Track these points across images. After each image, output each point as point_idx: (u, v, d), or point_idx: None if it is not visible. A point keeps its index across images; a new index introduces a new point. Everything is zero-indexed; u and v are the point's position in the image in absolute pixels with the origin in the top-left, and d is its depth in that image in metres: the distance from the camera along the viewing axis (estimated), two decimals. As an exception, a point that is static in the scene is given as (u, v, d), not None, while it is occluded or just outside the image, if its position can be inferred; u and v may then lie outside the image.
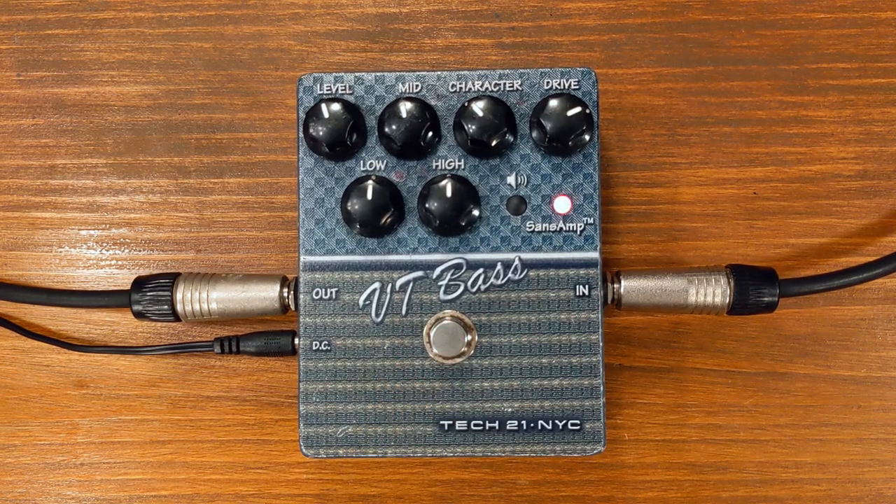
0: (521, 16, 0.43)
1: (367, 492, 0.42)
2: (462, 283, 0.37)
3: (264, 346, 0.41)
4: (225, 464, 0.42)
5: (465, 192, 0.36)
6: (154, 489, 0.42)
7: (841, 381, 0.42)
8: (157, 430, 0.42)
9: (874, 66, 0.42)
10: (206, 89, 0.43)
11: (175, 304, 0.39)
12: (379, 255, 0.37)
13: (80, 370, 0.43)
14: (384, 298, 0.37)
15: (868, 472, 0.42)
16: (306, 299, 0.37)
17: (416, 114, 0.36)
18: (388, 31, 0.43)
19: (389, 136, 0.36)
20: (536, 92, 0.36)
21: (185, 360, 0.43)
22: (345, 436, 0.37)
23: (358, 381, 0.37)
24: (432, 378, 0.37)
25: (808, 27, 0.43)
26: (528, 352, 0.36)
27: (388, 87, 0.36)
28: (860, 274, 0.40)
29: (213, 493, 0.42)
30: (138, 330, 0.43)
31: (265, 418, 0.42)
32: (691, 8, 0.43)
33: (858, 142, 0.42)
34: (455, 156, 0.36)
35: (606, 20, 0.43)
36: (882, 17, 0.42)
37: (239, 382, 0.42)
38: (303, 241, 0.37)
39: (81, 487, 0.42)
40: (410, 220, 0.37)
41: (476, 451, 0.37)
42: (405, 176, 0.37)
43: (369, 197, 0.35)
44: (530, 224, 0.36)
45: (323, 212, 0.37)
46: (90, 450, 0.42)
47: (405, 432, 0.37)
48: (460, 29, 0.43)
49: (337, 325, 0.37)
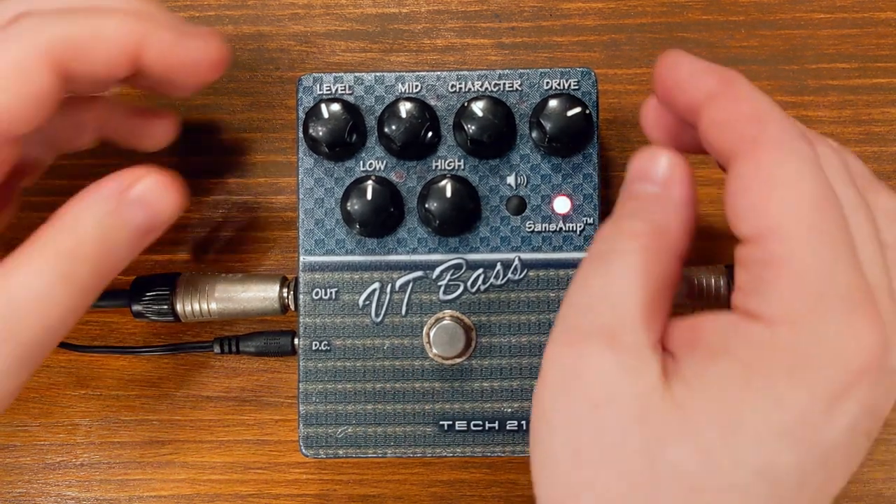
0: (520, 16, 0.43)
1: (367, 492, 0.42)
2: (462, 284, 0.37)
3: (264, 347, 0.41)
4: (225, 464, 0.42)
5: (464, 192, 0.36)
6: (154, 489, 0.42)
7: (841, 382, 0.42)
8: (156, 431, 0.42)
9: (874, 66, 0.42)
10: (206, 89, 0.43)
11: (175, 304, 0.39)
12: (379, 255, 0.37)
13: (80, 370, 0.43)
14: (384, 298, 0.37)
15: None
16: (306, 299, 0.37)
17: (415, 114, 0.36)
18: (387, 31, 0.43)
19: (389, 136, 0.36)
20: (536, 92, 0.36)
21: (185, 361, 0.43)
22: (344, 436, 0.37)
23: (358, 382, 0.37)
24: (432, 378, 0.37)
25: (808, 27, 0.43)
26: (528, 352, 0.37)
27: (387, 88, 0.36)
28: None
29: (213, 493, 0.42)
30: (138, 330, 0.43)
31: (265, 418, 0.42)
32: (691, 8, 0.43)
33: (858, 142, 0.42)
34: (455, 156, 0.36)
35: (606, 20, 0.43)
36: (882, 17, 0.42)
37: (239, 382, 0.43)
38: (302, 241, 0.37)
39: (81, 487, 0.42)
40: (410, 220, 0.37)
41: (476, 451, 0.37)
42: (405, 176, 0.37)
43: (369, 197, 0.36)
44: (530, 224, 0.36)
45: (322, 212, 0.37)
46: (90, 450, 0.42)
47: (405, 432, 0.37)
48: (460, 29, 0.43)
49: (337, 326, 0.37)
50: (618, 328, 0.27)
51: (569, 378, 0.27)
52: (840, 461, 0.26)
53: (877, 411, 0.27)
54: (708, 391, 0.26)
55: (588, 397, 0.27)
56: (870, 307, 0.26)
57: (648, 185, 0.29)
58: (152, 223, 0.33)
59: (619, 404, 0.26)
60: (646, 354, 0.27)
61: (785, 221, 0.26)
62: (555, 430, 0.27)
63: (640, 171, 0.30)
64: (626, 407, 0.26)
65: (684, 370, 0.27)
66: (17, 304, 0.30)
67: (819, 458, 0.26)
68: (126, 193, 0.32)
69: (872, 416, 0.26)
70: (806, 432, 0.26)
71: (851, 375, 0.25)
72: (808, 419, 0.25)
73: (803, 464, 0.26)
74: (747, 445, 0.25)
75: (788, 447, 0.25)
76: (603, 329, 0.27)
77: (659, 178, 0.29)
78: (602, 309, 0.27)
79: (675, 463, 0.26)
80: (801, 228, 0.26)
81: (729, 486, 0.26)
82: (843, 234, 0.26)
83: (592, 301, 0.28)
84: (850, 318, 0.25)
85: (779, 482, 0.26)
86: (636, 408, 0.26)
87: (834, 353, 0.25)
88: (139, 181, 0.32)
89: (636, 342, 0.27)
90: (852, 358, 0.25)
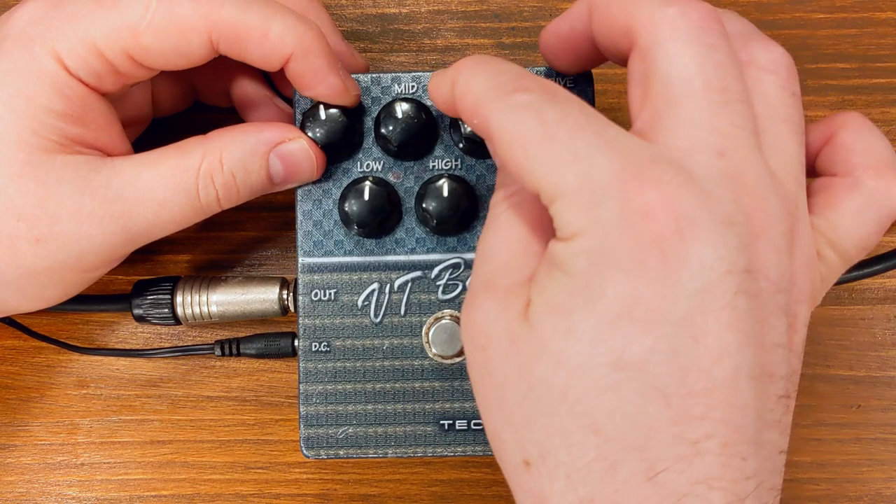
0: (520, 16, 0.43)
1: (367, 492, 0.42)
2: (460, 283, 0.37)
3: (264, 349, 0.41)
4: (225, 464, 0.42)
5: (462, 191, 0.36)
6: (154, 489, 0.42)
7: (840, 381, 0.42)
8: (157, 430, 0.43)
9: (874, 66, 0.42)
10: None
11: (175, 307, 0.39)
12: (377, 255, 0.37)
13: (81, 370, 0.43)
14: (383, 299, 0.37)
15: (867, 472, 0.42)
16: (305, 301, 0.37)
17: (412, 114, 0.36)
18: (387, 31, 0.43)
19: (386, 136, 0.36)
20: (534, 92, 0.36)
21: (186, 361, 0.43)
22: (345, 436, 0.37)
23: (358, 382, 0.37)
24: (432, 378, 0.37)
25: (808, 27, 0.42)
26: (526, 352, 0.36)
27: (384, 89, 0.36)
28: (859, 270, 0.40)
29: (214, 493, 0.42)
30: (139, 330, 0.43)
31: (265, 418, 0.43)
32: (690, 8, 0.43)
33: (858, 141, 0.42)
34: (451, 156, 0.36)
35: (606, 20, 0.43)
36: (881, 18, 0.42)
37: (239, 383, 0.43)
38: (301, 242, 0.37)
39: (82, 487, 0.42)
40: (408, 220, 0.37)
41: (476, 450, 0.37)
42: (402, 176, 0.37)
43: (367, 198, 0.36)
44: (528, 224, 0.36)
45: (321, 213, 0.37)
46: (91, 450, 0.42)
47: (405, 432, 0.37)
48: (460, 29, 0.43)
49: (336, 326, 0.37)
50: (494, 276, 0.29)
51: (466, 335, 0.29)
52: (721, 330, 0.25)
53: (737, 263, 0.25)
54: (545, 303, 0.27)
55: (478, 343, 0.29)
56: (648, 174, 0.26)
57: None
58: (285, 180, 0.36)
59: (495, 341, 0.28)
60: (516, 289, 0.28)
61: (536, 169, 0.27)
62: (475, 386, 0.29)
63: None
64: (500, 340, 0.28)
65: (532, 291, 0.28)
66: (137, 197, 0.34)
67: (682, 332, 0.25)
68: (279, 146, 0.35)
69: (732, 269, 0.25)
70: (643, 312, 0.25)
71: (663, 240, 0.25)
72: (640, 298, 0.25)
73: (664, 343, 0.25)
74: (588, 343, 0.26)
75: (634, 332, 0.25)
76: (484, 280, 0.29)
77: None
78: (482, 266, 0.30)
79: (543, 378, 0.27)
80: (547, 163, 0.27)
81: (596, 388, 0.26)
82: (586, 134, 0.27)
83: (478, 263, 0.30)
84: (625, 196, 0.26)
85: (646, 370, 0.25)
86: (506, 339, 0.28)
87: (627, 232, 0.25)
88: (293, 140, 0.36)
89: (509, 283, 0.29)
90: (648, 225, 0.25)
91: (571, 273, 0.26)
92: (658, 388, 0.25)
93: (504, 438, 0.28)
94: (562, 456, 0.26)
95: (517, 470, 0.28)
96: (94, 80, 0.33)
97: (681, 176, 0.26)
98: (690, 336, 0.25)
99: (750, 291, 0.26)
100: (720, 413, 0.25)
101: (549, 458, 0.27)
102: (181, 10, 0.32)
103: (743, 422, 0.26)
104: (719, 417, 0.25)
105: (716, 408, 0.25)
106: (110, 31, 0.32)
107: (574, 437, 0.26)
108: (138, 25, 0.32)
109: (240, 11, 0.33)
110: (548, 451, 0.27)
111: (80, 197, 0.33)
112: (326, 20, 0.38)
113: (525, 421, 0.27)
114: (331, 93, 0.35)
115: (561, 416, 0.26)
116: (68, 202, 0.33)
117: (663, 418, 0.25)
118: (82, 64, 0.33)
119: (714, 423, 0.25)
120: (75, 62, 0.33)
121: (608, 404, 0.26)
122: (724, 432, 0.25)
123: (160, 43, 0.33)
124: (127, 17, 0.32)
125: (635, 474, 0.25)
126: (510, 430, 0.28)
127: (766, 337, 0.26)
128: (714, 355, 0.25)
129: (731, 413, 0.26)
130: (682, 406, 0.25)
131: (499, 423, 0.28)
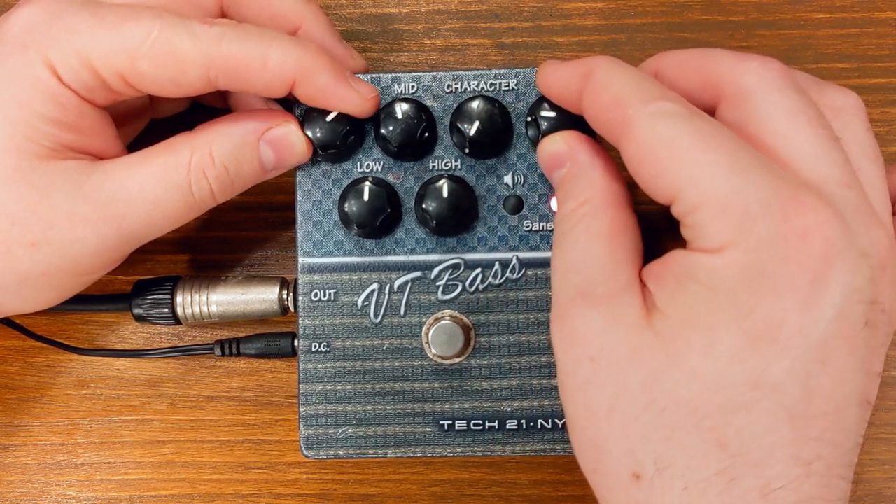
0: (520, 16, 0.43)
1: (367, 492, 0.42)
2: (460, 283, 0.37)
3: (264, 349, 0.41)
4: (225, 464, 0.42)
5: (462, 192, 0.36)
6: (154, 489, 0.42)
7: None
8: (157, 430, 0.43)
9: (874, 66, 0.42)
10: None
11: (175, 307, 0.39)
12: (377, 256, 0.37)
13: (81, 370, 0.43)
14: (382, 299, 0.37)
15: (868, 472, 0.42)
16: (305, 301, 0.37)
17: (412, 115, 0.36)
18: (387, 31, 0.43)
19: (386, 137, 0.36)
20: (532, 91, 0.36)
21: (186, 361, 0.43)
22: (345, 437, 0.37)
23: (357, 382, 0.37)
24: (431, 378, 0.37)
25: (808, 27, 0.42)
26: (526, 351, 0.37)
27: (384, 89, 0.36)
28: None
29: (214, 492, 0.42)
30: (139, 330, 0.43)
31: (265, 418, 0.43)
32: (691, 8, 0.43)
33: (858, 141, 0.42)
34: (452, 156, 0.36)
35: (606, 20, 0.43)
36: (881, 17, 0.42)
37: (239, 383, 0.43)
38: (301, 242, 0.37)
39: (82, 487, 0.42)
40: (408, 220, 0.37)
41: (476, 450, 0.37)
42: (402, 177, 0.37)
43: (366, 198, 0.36)
44: (528, 223, 0.36)
45: (320, 214, 0.37)
46: (90, 450, 0.42)
47: (405, 432, 0.37)
48: (460, 29, 0.43)
49: (336, 327, 0.37)
50: (587, 286, 0.29)
51: (567, 346, 0.29)
52: (845, 356, 0.26)
53: (866, 294, 0.26)
54: (680, 316, 0.27)
55: (585, 353, 0.29)
56: (803, 197, 0.26)
57: (558, 169, 0.33)
58: (277, 166, 0.36)
59: (609, 351, 0.28)
60: (620, 297, 0.29)
61: (684, 173, 0.27)
62: (573, 396, 0.29)
63: (547, 164, 0.34)
64: (616, 351, 0.28)
65: (658, 301, 0.28)
66: (129, 198, 0.34)
67: (814, 356, 0.26)
68: (266, 133, 0.35)
69: (863, 299, 0.26)
70: (786, 334, 0.26)
71: (815, 264, 0.26)
72: (785, 321, 0.26)
73: (799, 365, 0.26)
74: (728, 361, 0.26)
75: (774, 354, 0.26)
76: (577, 292, 0.29)
77: (564, 157, 0.33)
78: (570, 277, 0.30)
79: (671, 391, 0.27)
80: (700, 170, 0.27)
81: (730, 405, 0.26)
82: (742, 150, 0.27)
83: (563, 276, 0.30)
84: (783, 215, 0.26)
85: (780, 390, 0.26)
86: (626, 349, 0.28)
87: (784, 252, 0.26)
88: (280, 126, 0.36)
89: (607, 290, 0.29)
90: (804, 248, 0.26)
91: (713, 287, 0.27)
92: (787, 409, 0.26)
93: (609, 449, 0.28)
94: (680, 469, 0.27)
95: (622, 482, 0.28)
96: (85, 92, 0.33)
97: (830, 204, 0.26)
98: (820, 360, 0.26)
99: (871, 322, 0.27)
100: (831, 436, 0.26)
101: (667, 470, 0.27)
102: (181, 44, 0.32)
103: (847, 445, 0.27)
104: (829, 440, 0.26)
105: (829, 430, 0.26)
106: (108, 51, 0.32)
107: (697, 450, 0.27)
108: (137, 51, 0.32)
109: (236, 46, 0.33)
110: (667, 463, 0.27)
111: (73, 201, 0.33)
112: (324, 23, 0.37)
113: (641, 432, 0.27)
114: (345, 105, 0.35)
115: (687, 430, 0.27)
116: (61, 207, 0.33)
117: (786, 438, 0.26)
118: (75, 76, 0.33)
119: (825, 445, 0.26)
120: (68, 73, 0.33)
121: (739, 421, 0.26)
122: (830, 454, 0.26)
123: (156, 71, 0.33)
124: (127, 41, 0.32)
125: (750, 490, 0.26)
126: (621, 442, 0.28)
127: (873, 365, 0.27)
128: (836, 381, 0.26)
129: (839, 436, 0.27)
130: (803, 427, 0.26)
131: (604, 434, 0.28)
